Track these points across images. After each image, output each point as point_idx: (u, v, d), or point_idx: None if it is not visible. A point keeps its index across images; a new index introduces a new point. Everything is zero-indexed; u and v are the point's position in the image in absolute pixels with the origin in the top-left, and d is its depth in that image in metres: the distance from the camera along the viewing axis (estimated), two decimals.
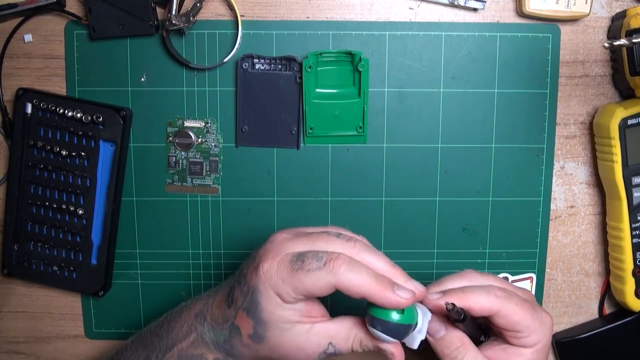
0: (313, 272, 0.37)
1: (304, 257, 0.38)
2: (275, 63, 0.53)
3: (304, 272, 0.37)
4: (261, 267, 0.38)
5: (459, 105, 0.54)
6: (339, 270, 0.37)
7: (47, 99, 0.52)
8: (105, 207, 0.53)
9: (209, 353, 0.42)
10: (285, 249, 0.39)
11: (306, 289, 0.37)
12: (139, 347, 0.45)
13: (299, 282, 0.37)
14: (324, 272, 0.37)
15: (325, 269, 0.37)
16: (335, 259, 0.37)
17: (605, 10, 0.54)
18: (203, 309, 0.43)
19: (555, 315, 0.58)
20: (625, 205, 0.53)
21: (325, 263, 0.37)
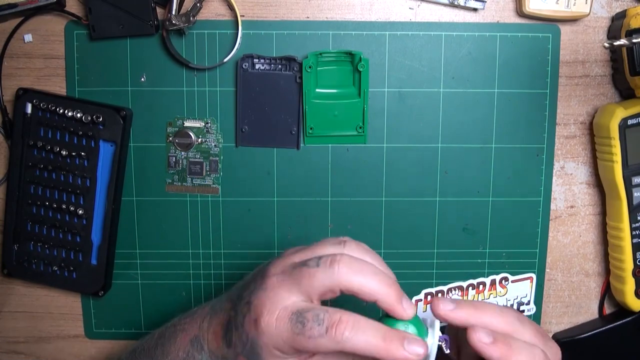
0: (315, 339, 0.34)
1: (304, 320, 0.35)
2: (275, 63, 0.53)
3: (305, 338, 0.34)
4: (261, 322, 0.36)
5: (459, 105, 0.54)
6: (342, 336, 0.34)
7: (47, 99, 0.52)
8: (105, 207, 0.53)
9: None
10: (281, 300, 0.36)
11: (309, 350, 0.35)
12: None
13: (300, 345, 0.35)
14: (327, 339, 0.34)
15: (328, 336, 0.34)
16: (338, 323, 0.34)
17: (605, 10, 0.54)
18: (199, 335, 0.41)
19: (555, 315, 0.58)
20: (625, 205, 0.53)
21: (327, 329, 0.34)
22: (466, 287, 0.57)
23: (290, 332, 0.35)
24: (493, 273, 0.57)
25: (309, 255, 0.38)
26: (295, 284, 0.36)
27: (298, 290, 0.36)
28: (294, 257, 0.38)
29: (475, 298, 0.57)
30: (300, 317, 0.35)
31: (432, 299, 0.38)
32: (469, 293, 0.57)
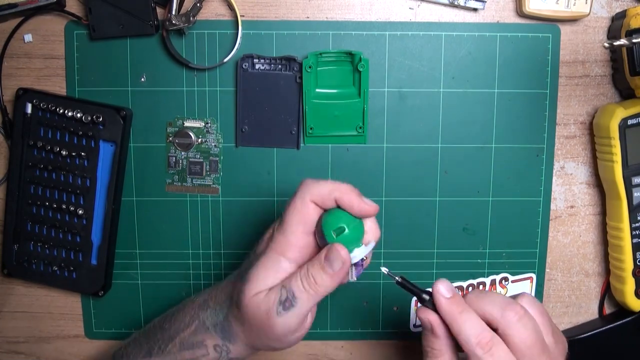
0: (289, 203, 0.41)
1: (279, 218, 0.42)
2: (275, 63, 0.53)
3: (285, 210, 0.41)
4: (267, 235, 0.43)
5: (459, 105, 0.54)
6: (306, 183, 0.41)
7: (47, 99, 0.52)
8: (105, 207, 0.53)
9: (209, 339, 0.43)
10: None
11: (297, 221, 0.40)
12: (142, 340, 0.46)
13: (286, 222, 0.40)
14: (296, 195, 0.41)
15: (297, 192, 0.41)
16: (301, 182, 0.42)
17: (605, 10, 0.54)
18: (207, 298, 0.45)
19: (555, 315, 0.58)
20: (625, 205, 0.53)
21: (295, 191, 0.42)
22: (466, 287, 0.57)
23: (279, 220, 0.41)
24: (493, 273, 0.57)
25: None
26: (280, 229, 0.41)
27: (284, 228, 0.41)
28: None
29: None
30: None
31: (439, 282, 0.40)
32: None
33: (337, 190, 0.40)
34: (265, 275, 0.40)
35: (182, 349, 0.43)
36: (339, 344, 0.59)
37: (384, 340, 0.59)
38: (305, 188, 0.41)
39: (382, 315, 0.58)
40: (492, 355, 0.36)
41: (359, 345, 0.59)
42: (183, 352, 0.43)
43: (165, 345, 0.44)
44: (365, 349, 0.59)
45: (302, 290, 0.39)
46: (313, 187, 0.41)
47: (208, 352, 0.43)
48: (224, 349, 0.43)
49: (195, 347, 0.43)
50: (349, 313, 0.58)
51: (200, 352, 0.43)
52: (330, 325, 0.58)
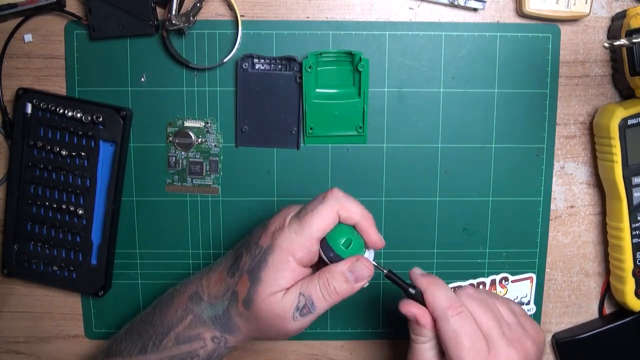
0: (316, 208, 0.41)
1: (304, 206, 0.42)
2: (275, 63, 0.53)
3: (309, 213, 0.41)
4: (272, 229, 0.42)
5: (459, 105, 0.54)
6: (338, 195, 0.42)
7: (47, 99, 0.52)
8: (105, 207, 0.53)
9: (206, 332, 0.43)
10: (291, 212, 0.43)
11: (317, 227, 0.40)
12: (134, 336, 0.46)
13: (308, 225, 0.40)
14: (327, 202, 0.41)
15: (326, 200, 0.41)
16: (331, 190, 0.42)
17: (605, 10, 0.54)
18: (197, 290, 0.45)
19: (555, 315, 0.58)
20: (625, 205, 0.53)
21: (324, 197, 0.42)
22: None
23: (297, 220, 0.41)
24: (493, 273, 0.57)
25: None
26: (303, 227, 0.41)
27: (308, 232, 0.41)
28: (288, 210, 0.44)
29: None
30: (303, 207, 0.42)
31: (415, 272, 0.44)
32: None
33: (363, 216, 0.42)
34: (277, 277, 0.41)
35: (178, 343, 0.44)
36: (339, 344, 0.59)
37: (384, 340, 0.59)
38: (336, 199, 0.41)
39: (382, 315, 0.58)
40: (461, 318, 0.40)
41: (359, 345, 0.59)
42: (180, 346, 0.44)
43: (159, 341, 0.44)
44: (365, 349, 0.59)
45: (322, 300, 0.41)
46: (345, 202, 0.41)
47: (206, 344, 0.44)
48: (222, 340, 0.44)
49: (192, 341, 0.44)
50: (349, 313, 0.58)
51: (197, 344, 0.44)
52: (330, 325, 0.58)
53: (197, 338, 0.44)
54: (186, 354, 0.44)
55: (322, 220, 0.41)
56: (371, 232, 0.42)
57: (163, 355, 0.44)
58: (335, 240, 0.41)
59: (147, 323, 0.46)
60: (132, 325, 0.47)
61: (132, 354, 0.45)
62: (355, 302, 0.57)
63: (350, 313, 0.58)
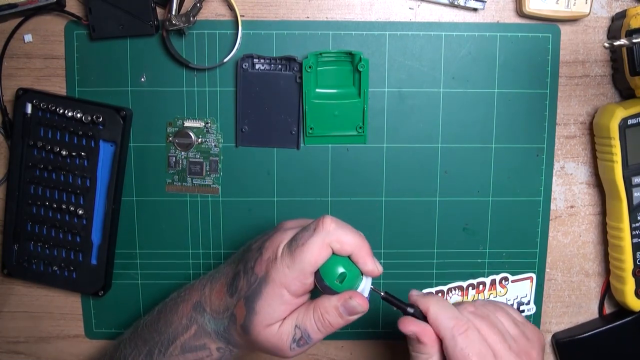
0: (307, 242, 0.39)
1: (295, 236, 0.41)
2: (275, 63, 0.53)
3: (299, 247, 0.39)
4: (266, 257, 0.41)
5: (459, 105, 0.54)
6: (329, 228, 0.39)
7: (47, 99, 0.52)
8: (105, 207, 0.53)
9: (211, 343, 0.44)
10: (284, 239, 0.41)
11: (309, 262, 0.39)
12: (139, 343, 0.46)
13: (299, 260, 0.39)
14: (317, 236, 0.39)
15: (317, 233, 0.39)
16: (322, 220, 0.40)
17: (605, 10, 0.54)
18: (200, 300, 0.44)
19: (555, 315, 0.58)
20: (625, 205, 0.53)
21: (314, 228, 0.40)
22: (466, 287, 0.57)
23: (289, 253, 0.40)
24: (493, 273, 0.57)
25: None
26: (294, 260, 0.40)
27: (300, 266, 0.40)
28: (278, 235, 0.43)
29: (475, 298, 0.57)
30: (294, 238, 0.40)
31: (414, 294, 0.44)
32: (469, 293, 0.57)
33: (357, 245, 0.40)
34: (271, 310, 0.40)
35: (184, 351, 0.44)
36: (339, 344, 0.59)
37: (384, 340, 0.59)
38: (326, 232, 0.39)
39: (382, 315, 0.58)
40: (467, 336, 0.40)
41: (359, 345, 0.59)
42: (186, 354, 0.44)
43: (165, 349, 0.44)
44: (365, 349, 0.59)
45: (317, 332, 0.41)
46: (337, 233, 0.39)
47: (211, 353, 0.44)
48: (227, 350, 0.44)
49: (198, 350, 0.44)
50: None
51: (203, 353, 0.44)
52: None
53: (203, 348, 0.44)
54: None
55: (313, 255, 0.39)
56: (367, 262, 0.40)
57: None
58: (329, 275, 0.40)
59: (152, 330, 0.46)
60: (136, 331, 0.47)
61: (137, 359, 0.45)
62: None
63: None
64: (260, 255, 0.41)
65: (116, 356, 0.46)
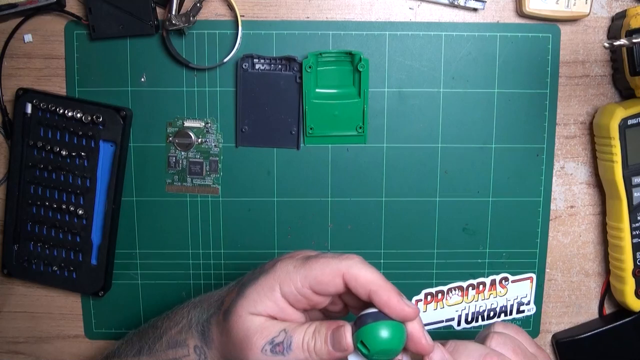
0: (324, 259, 0.37)
1: (324, 253, 0.39)
2: (275, 63, 0.53)
3: (315, 259, 0.37)
4: (279, 261, 0.39)
5: (459, 105, 0.54)
6: (351, 260, 0.37)
7: (47, 99, 0.52)
8: (105, 207, 0.53)
9: (190, 338, 0.42)
10: (311, 253, 0.40)
11: (315, 276, 0.37)
12: (135, 339, 0.46)
13: (309, 267, 0.37)
14: (336, 260, 0.37)
15: (336, 256, 0.37)
16: (350, 255, 0.38)
17: (605, 10, 0.54)
18: (204, 298, 0.44)
19: (555, 315, 0.58)
20: (625, 205, 0.53)
21: (340, 255, 0.38)
22: (466, 287, 0.57)
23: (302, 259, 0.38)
24: (493, 273, 0.57)
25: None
26: (303, 266, 0.37)
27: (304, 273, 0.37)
28: (306, 252, 0.40)
29: (475, 298, 0.57)
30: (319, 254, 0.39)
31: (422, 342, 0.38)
32: (469, 293, 0.57)
33: (375, 284, 0.36)
34: (257, 299, 0.38)
35: (167, 347, 0.42)
36: None
37: None
38: (347, 259, 0.37)
39: None
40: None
41: None
42: (168, 350, 0.42)
43: (154, 344, 0.43)
44: None
45: (300, 347, 0.37)
46: (357, 266, 0.37)
47: (189, 353, 0.42)
48: (202, 351, 0.41)
49: (178, 346, 0.42)
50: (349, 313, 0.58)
51: (182, 352, 0.42)
52: None
53: (183, 344, 0.42)
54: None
55: (323, 272, 0.37)
56: (392, 304, 0.35)
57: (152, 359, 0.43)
58: (370, 341, 0.35)
59: (151, 326, 0.45)
60: (138, 329, 0.47)
61: (128, 356, 0.45)
62: None
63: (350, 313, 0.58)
64: (272, 261, 0.40)
65: (112, 353, 0.46)
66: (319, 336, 0.37)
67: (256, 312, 0.38)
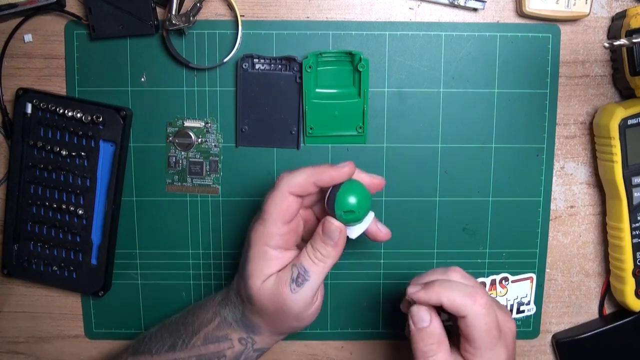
0: (269, 196, 0.43)
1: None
2: (275, 63, 0.53)
3: (265, 204, 0.43)
4: (250, 233, 0.44)
5: (459, 105, 0.54)
6: (282, 178, 0.43)
7: (47, 99, 0.52)
8: (105, 207, 0.53)
9: (233, 333, 0.45)
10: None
11: (277, 212, 0.42)
12: (165, 335, 0.47)
13: (268, 214, 0.42)
14: (276, 189, 0.42)
15: (275, 186, 0.43)
16: (279, 176, 0.44)
17: (605, 10, 0.54)
18: (226, 296, 0.47)
19: (555, 315, 0.58)
20: (625, 205, 0.53)
21: (274, 184, 0.43)
22: None
23: (259, 213, 0.44)
24: (493, 273, 0.57)
25: None
26: (261, 214, 0.44)
27: (266, 210, 0.43)
28: None
29: None
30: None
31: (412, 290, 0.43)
32: None
33: (313, 175, 0.42)
34: (260, 267, 0.43)
35: (206, 342, 0.45)
36: (339, 344, 0.59)
37: (384, 340, 0.59)
38: (283, 182, 0.42)
39: (382, 315, 0.58)
40: (485, 306, 0.40)
41: (359, 345, 0.59)
42: (208, 345, 0.45)
43: (189, 339, 0.46)
44: (365, 349, 0.59)
45: (312, 264, 0.42)
46: (290, 180, 0.42)
47: (233, 345, 0.45)
48: (248, 340, 0.46)
49: (220, 341, 0.45)
50: (349, 313, 0.58)
51: (225, 345, 0.45)
52: (330, 325, 0.58)
53: (225, 339, 0.45)
54: (213, 354, 0.45)
55: (276, 206, 0.42)
56: (323, 175, 0.42)
57: (191, 354, 0.46)
58: (339, 209, 0.42)
59: (180, 323, 0.48)
60: (164, 325, 0.49)
61: (160, 351, 0.46)
62: (355, 302, 0.57)
63: (350, 313, 0.58)
64: (248, 234, 0.44)
65: (141, 349, 0.48)
66: (317, 244, 0.42)
67: (264, 278, 0.43)
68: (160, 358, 0.46)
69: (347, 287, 0.57)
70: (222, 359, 0.46)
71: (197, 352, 0.45)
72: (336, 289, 0.57)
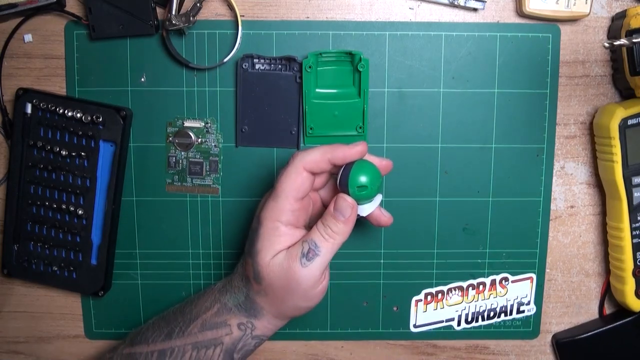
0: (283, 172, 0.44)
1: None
2: (275, 63, 0.53)
3: (278, 179, 0.44)
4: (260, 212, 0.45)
5: (459, 105, 0.54)
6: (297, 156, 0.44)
7: (47, 99, 0.52)
8: (105, 207, 0.53)
9: (232, 318, 0.45)
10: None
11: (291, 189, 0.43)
12: (162, 324, 0.48)
13: (281, 189, 0.43)
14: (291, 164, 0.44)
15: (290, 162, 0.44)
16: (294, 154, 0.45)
17: (605, 10, 0.54)
18: (226, 284, 0.47)
19: (555, 315, 0.58)
20: (625, 205, 0.53)
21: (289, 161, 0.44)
22: (466, 287, 0.57)
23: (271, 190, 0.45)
24: (493, 273, 0.57)
25: None
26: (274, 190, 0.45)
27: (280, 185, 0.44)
28: None
29: (475, 298, 0.57)
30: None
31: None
32: (469, 293, 0.57)
33: (327, 152, 0.43)
34: (271, 243, 0.43)
35: (203, 329, 0.45)
36: (339, 344, 0.59)
37: (384, 340, 0.59)
38: (297, 158, 0.43)
39: (382, 315, 0.58)
40: None
41: (359, 345, 0.59)
42: (205, 332, 0.45)
43: (186, 327, 0.46)
44: (365, 349, 0.59)
45: (323, 240, 0.43)
46: (305, 156, 0.43)
47: (231, 331, 0.45)
48: (248, 326, 0.45)
49: (218, 327, 0.45)
50: (349, 313, 0.58)
51: (223, 331, 0.45)
52: (330, 325, 0.58)
53: (223, 325, 0.45)
54: (210, 341, 0.45)
55: (291, 181, 0.43)
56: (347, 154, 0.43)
57: (187, 341, 0.46)
58: (353, 185, 0.43)
59: (178, 313, 0.48)
60: (162, 316, 0.49)
61: (157, 340, 0.46)
62: (355, 302, 0.57)
63: (350, 313, 0.58)
64: (255, 217, 0.46)
65: (137, 339, 0.47)
66: (328, 221, 0.44)
67: (275, 253, 0.43)
68: (156, 347, 0.46)
69: (347, 287, 0.57)
70: (219, 346, 0.45)
71: (194, 339, 0.45)
72: (336, 289, 0.57)
